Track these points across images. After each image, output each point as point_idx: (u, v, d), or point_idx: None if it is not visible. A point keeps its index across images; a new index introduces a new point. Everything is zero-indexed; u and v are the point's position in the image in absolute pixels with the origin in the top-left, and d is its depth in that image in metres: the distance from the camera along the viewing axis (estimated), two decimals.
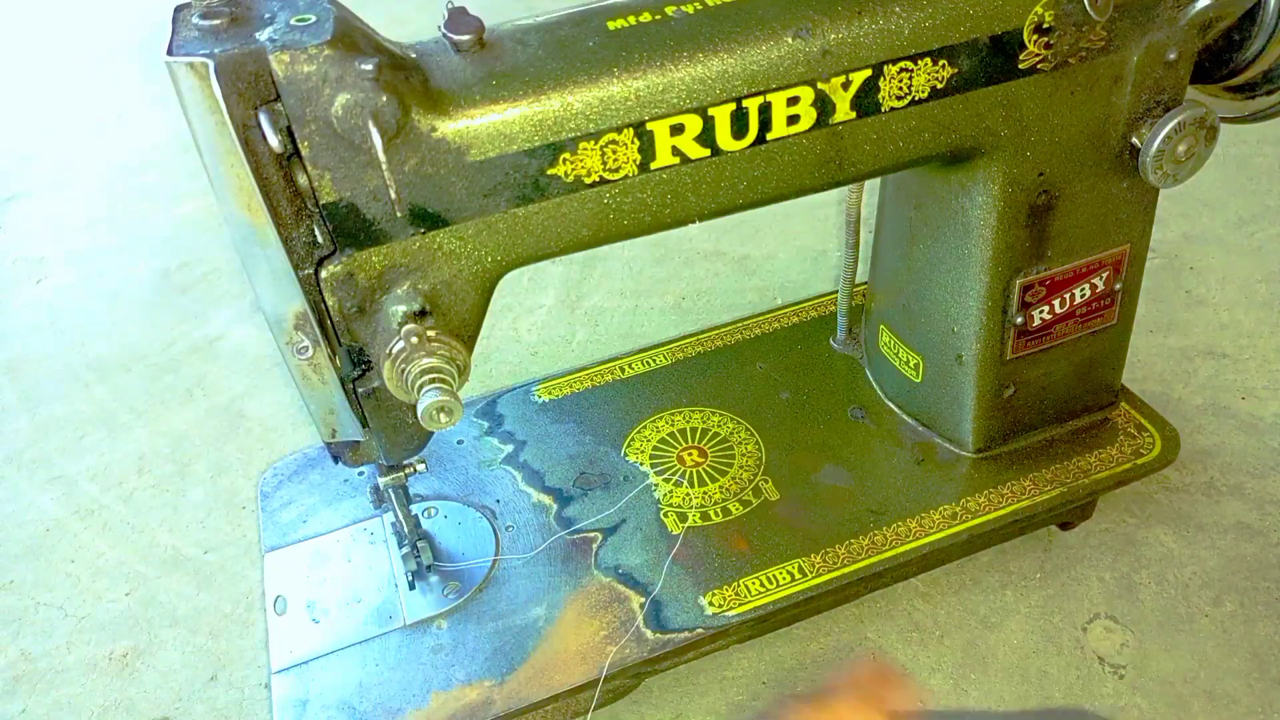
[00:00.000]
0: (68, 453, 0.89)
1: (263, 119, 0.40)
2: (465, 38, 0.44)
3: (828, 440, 0.72)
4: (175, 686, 0.69)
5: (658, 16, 0.47)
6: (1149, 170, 0.57)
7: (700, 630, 0.60)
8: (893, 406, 0.74)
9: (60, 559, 0.79)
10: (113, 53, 1.65)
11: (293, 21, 0.41)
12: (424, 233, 0.46)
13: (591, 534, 0.66)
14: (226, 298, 1.07)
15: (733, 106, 0.47)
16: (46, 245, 1.19)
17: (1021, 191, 0.59)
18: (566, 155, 0.46)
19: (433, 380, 0.45)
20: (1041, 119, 0.55)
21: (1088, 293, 0.65)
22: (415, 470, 0.58)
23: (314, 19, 0.41)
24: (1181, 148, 0.57)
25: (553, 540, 0.66)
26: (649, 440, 0.73)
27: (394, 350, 0.46)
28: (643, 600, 0.62)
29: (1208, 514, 0.74)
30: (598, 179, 0.47)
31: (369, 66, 0.40)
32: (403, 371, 0.46)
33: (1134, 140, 0.58)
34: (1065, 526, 0.74)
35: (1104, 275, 0.65)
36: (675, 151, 0.48)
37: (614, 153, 0.47)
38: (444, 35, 0.45)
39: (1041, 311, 0.65)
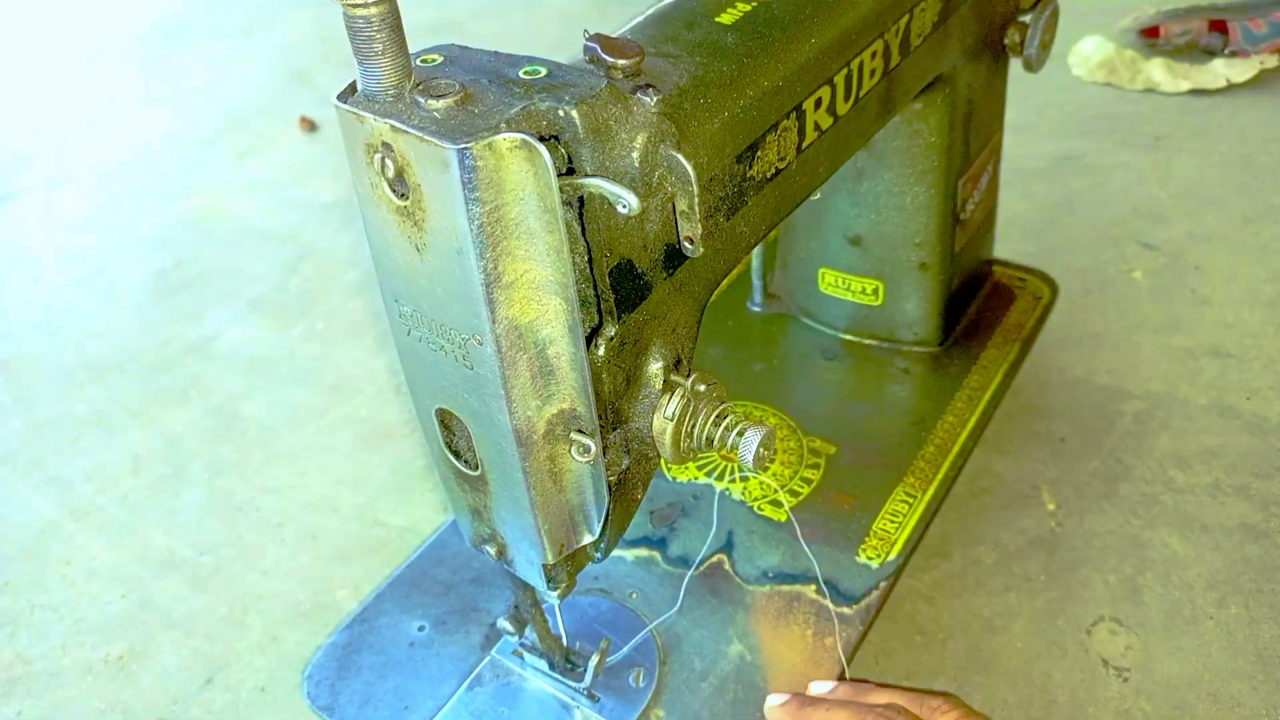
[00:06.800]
0: (62, 454, 0.88)
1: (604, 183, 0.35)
2: (630, 61, 0.39)
3: (828, 384, 0.75)
4: (171, 689, 0.68)
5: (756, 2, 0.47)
6: (1035, 59, 0.70)
7: (883, 583, 0.60)
8: (850, 337, 0.80)
9: (55, 560, 0.78)
10: (107, 51, 1.64)
11: (534, 76, 0.36)
12: (670, 273, 0.42)
13: (715, 558, 0.64)
14: (221, 297, 1.06)
15: (845, 71, 0.48)
16: (41, 245, 1.18)
17: (961, 101, 0.68)
18: (760, 153, 0.44)
19: (738, 422, 0.42)
20: (972, 32, 0.64)
21: (988, 177, 0.78)
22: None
23: (544, 71, 0.36)
24: (1046, 36, 0.70)
25: (689, 580, 0.63)
26: None
27: (673, 413, 0.41)
28: (815, 586, 0.61)
29: (1212, 515, 0.73)
30: (774, 171, 0.46)
31: (651, 100, 0.36)
32: (692, 431, 0.42)
33: (1015, 36, 0.69)
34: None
35: (993, 160, 0.79)
36: (816, 127, 0.48)
37: (782, 141, 0.46)
38: (602, 59, 0.38)
39: (970, 202, 0.75)
